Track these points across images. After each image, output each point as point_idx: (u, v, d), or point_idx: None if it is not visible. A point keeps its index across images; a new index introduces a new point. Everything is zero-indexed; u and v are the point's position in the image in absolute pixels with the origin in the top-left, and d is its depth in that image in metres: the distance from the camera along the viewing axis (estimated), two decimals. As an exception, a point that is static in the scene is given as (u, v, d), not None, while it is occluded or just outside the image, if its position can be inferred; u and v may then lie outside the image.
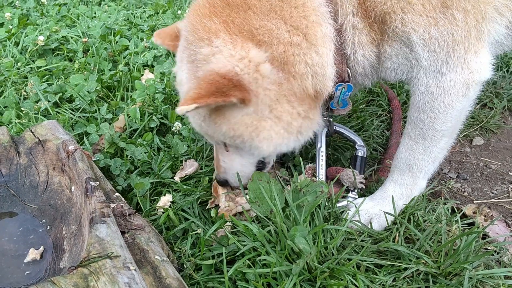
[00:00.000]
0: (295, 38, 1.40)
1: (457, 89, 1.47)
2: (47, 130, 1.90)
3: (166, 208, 1.82)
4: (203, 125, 1.56)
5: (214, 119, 1.50)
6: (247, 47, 1.39)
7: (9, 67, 3.00)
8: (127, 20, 3.78)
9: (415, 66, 1.47)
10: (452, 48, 1.40)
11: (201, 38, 1.43)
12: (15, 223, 1.70)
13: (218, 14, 1.42)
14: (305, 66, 1.43)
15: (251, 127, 1.49)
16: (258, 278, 1.45)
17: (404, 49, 1.44)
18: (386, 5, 1.36)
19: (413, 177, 1.74)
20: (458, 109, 1.53)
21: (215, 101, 1.31)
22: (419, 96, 1.53)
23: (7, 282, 1.48)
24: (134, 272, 1.23)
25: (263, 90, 1.43)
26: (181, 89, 1.57)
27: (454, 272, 1.52)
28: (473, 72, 1.45)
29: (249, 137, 1.51)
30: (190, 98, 1.29)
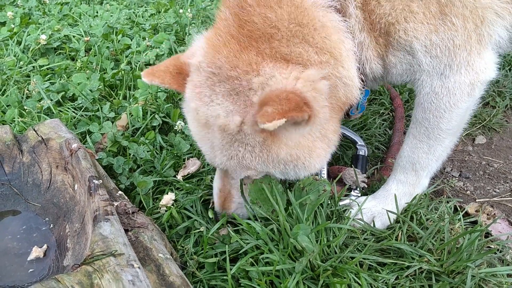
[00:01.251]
0: (323, 57, 1.42)
1: (462, 90, 1.49)
2: (50, 129, 1.91)
3: (169, 206, 1.82)
4: (248, 156, 1.48)
5: (268, 146, 1.44)
6: (297, 68, 1.39)
7: (12, 66, 3.01)
8: (129, 19, 3.78)
9: (417, 70, 1.50)
10: (453, 52, 1.43)
11: (245, 72, 1.39)
12: (18, 222, 1.71)
13: (249, 48, 1.41)
14: (336, 79, 1.46)
15: (307, 148, 1.48)
16: (261, 276, 1.45)
17: (407, 56, 1.47)
18: (391, 16, 1.38)
19: (417, 176, 1.74)
20: (464, 109, 1.55)
21: (297, 115, 1.29)
22: (424, 96, 1.55)
23: (10, 280, 1.48)
24: (138, 270, 1.23)
25: (321, 108, 1.42)
26: (217, 121, 1.44)
27: (457, 270, 1.52)
28: (478, 72, 1.47)
29: (304, 159, 1.49)
30: (277, 113, 1.25)
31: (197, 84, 1.50)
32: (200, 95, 1.48)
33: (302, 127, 1.41)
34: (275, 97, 1.30)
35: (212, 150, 1.54)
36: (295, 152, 1.46)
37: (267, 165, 1.49)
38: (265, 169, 1.52)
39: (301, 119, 1.33)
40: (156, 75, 1.59)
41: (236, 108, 1.41)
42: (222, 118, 1.42)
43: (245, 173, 1.57)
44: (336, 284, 1.42)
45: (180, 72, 1.58)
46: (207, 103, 1.46)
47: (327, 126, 1.50)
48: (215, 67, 1.44)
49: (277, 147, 1.44)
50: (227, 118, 1.41)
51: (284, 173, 1.55)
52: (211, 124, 1.47)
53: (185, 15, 3.73)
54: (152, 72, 1.59)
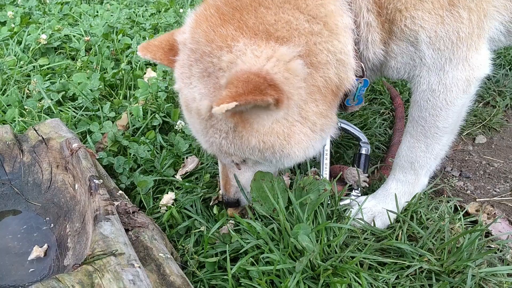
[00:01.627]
0: (315, 27, 1.33)
1: (458, 86, 1.48)
2: (50, 128, 1.91)
3: (169, 206, 1.82)
4: (224, 142, 1.43)
5: (240, 133, 1.38)
6: (272, 46, 1.30)
7: (12, 65, 3.01)
8: (129, 18, 3.78)
9: (418, 64, 1.47)
10: (456, 46, 1.40)
11: (219, 47, 1.32)
12: (19, 221, 1.71)
13: (230, 21, 1.34)
14: (328, 54, 1.36)
15: (282, 135, 1.39)
16: (262, 276, 1.45)
17: (410, 48, 1.44)
18: (400, 2, 1.34)
19: (415, 175, 1.74)
20: (459, 106, 1.54)
21: (254, 99, 1.19)
22: (421, 94, 1.53)
23: (11, 279, 1.49)
24: (139, 269, 1.23)
25: (296, 89, 1.33)
26: (194, 105, 1.41)
27: (457, 270, 1.52)
28: (473, 68, 1.46)
29: (280, 146, 1.41)
30: (228, 96, 1.18)
31: (181, 63, 1.46)
32: (182, 76, 1.45)
33: (274, 112, 1.32)
34: (235, 78, 1.22)
35: (197, 135, 1.53)
36: (268, 139, 1.38)
37: (243, 152, 1.44)
38: (244, 156, 1.48)
39: (263, 103, 1.23)
40: (149, 49, 1.57)
41: (206, 91, 1.36)
42: (197, 101, 1.39)
43: (229, 158, 1.54)
44: (337, 284, 1.42)
45: (172, 48, 1.54)
46: (187, 84, 1.43)
47: (307, 107, 1.39)
48: (194, 42, 1.39)
49: (248, 134, 1.37)
50: (200, 102, 1.37)
51: (266, 160, 1.49)
52: (191, 107, 1.44)
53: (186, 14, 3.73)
54: (147, 47, 1.58)
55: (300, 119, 1.39)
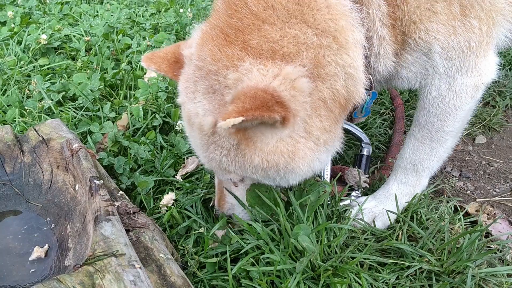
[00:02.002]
0: (324, 41, 1.31)
1: (467, 92, 1.50)
2: (51, 129, 1.91)
3: (170, 206, 1.83)
4: (225, 160, 1.40)
5: (242, 151, 1.35)
6: (278, 64, 1.28)
7: (12, 65, 3.01)
8: (130, 18, 3.78)
9: (430, 73, 1.48)
10: (466, 55, 1.42)
11: (225, 66, 1.31)
12: (20, 222, 1.71)
13: (234, 42, 1.32)
14: (336, 66, 1.33)
15: (287, 153, 1.36)
16: (262, 276, 1.45)
17: (423, 57, 1.44)
18: (416, 14, 1.34)
19: (417, 176, 1.75)
20: (466, 110, 1.56)
21: (261, 115, 1.17)
22: (430, 100, 1.54)
23: (12, 280, 1.49)
24: (139, 270, 1.23)
25: (301, 105, 1.30)
26: (196, 120, 1.39)
27: (457, 270, 1.52)
28: (481, 74, 1.48)
29: (285, 164, 1.37)
30: (235, 111, 1.16)
31: (186, 78, 1.45)
32: (186, 90, 1.44)
33: (279, 130, 1.30)
34: (242, 94, 1.21)
35: (197, 150, 1.51)
36: (272, 158, 1.35)
37: (245, 170, 1.41)
38: (244, 174, 1.45)
39: (270, 119, 1.21)
40: (154, 60, 1.55)
41: (211, 108, 1.35)
42: (200, 116, 1.37)
43: (227, 176, 1.51)
44: (337, 284, 1.42)
45: (177, 61, 1.52)
46: (191, 99, 1.41)
47: (312, 122, 1.36)
48: (200, 60, 1.38)
49: (251, 153, 1.35)
50: (203, 117, 1.36)
51: (269, 179, 1.46)
52: (192, 122, 1.42)
53: (186, 14, 3.73)
54: (151, 57, 1.56)
55: (304, 134, 1.36)
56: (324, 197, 1.65)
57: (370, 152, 2.03)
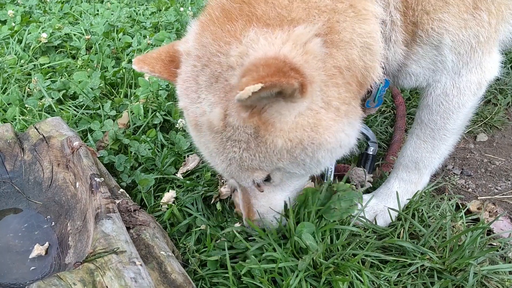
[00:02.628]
0: (340, 5, 1.21)
1: (470, 89, 1.48)
2: (51, 127, 1.91)
3: (170, 204, 1.82)
4: (246, 155, 1.26)
5: (262, 137, 1.21)
6: (286, 30, 1.16)
7: (13, 64, 3.00)
8: (130, 17, 3.77)
9: (438, 69, 1.44)
10: (474, 50, 1.39)
11: (227, 43, 1.19)
12: (20, 219, 1.71)
13: (238, 17, 1.21)
14: (352, 33, 1.23)
15: (309, 126, 1.22)
16: (264, 274, 1.45)
17: (433, 52, 1.39)
18: (430, 3, 1.28)
19: (419, 174, 1.74)
20: (469, 108, 1.55)
21: (280, 81, 1.03)
22: (434, 98, 1.53)
23: (12, 277, 1.49)
24: (140, 267, 1.23)
25: (316, 71, 1.18)
26: (204, 119, 1.26)
27: (459, 267, 1.52)
28: (485, 72, 1.46)
29: (309, 138, 1.24)
30: (252, 79, 1.02)
31: (184, 77, 1.31)
32: (187, 91, 1.29)
33: (297, 104, 1.17)
34: (253, 65, 1.07)
35: (210, 157, 1.36)
36: (295, 135, 1.22)
37: (270, 160, 1.27)
38: (272, 166, 1.30)
39: (289, 87, 1.07)
40: (147, 62, 1.41)
41: (216, 99, 1.21)
42: (207, 114, 1.23)
43: (251, 177, 1.36)
44: (338, 282, 1.41)
45: (173, 60, 1.39)
46: (194, 100, 1.27)
47: (329, 92, 1.24)
48: (200, 47, 1.25)
49: (272, 136, 1.21)
50: (211, 113, 1.23)
51: (297, 164, 1.31)
52: (200, 124, 1.28)
53: (186, 13, 3.72)
54: (143, 59, 1.42)
55: (323, 105, 1.23)
56: (355, 208, 1.61)
57: (376, 151, 2.00)
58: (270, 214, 1.54)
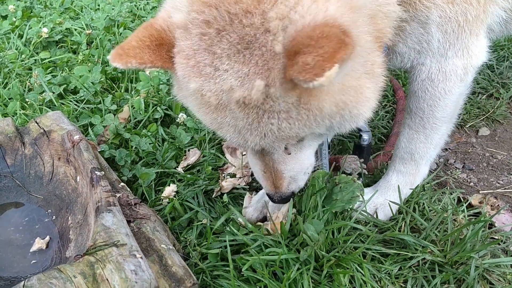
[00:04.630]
0: None
1: (457, 74, 1.46)
2: (52, 121, 1.90)
3: (171, 198, 1.82)
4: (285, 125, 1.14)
5: (306, 104, 1.10)
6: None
7: (13, 59, 3.00)
8: (131, 12, 3.76)
9: (424, 50, 1.42)
10: (462, 29, 1.36)
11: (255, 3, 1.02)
12: (21, 213, 1.71)
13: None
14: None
15: (354, 88, 1.13)
16: (264, 268, 1.45)
17: (420, 30, 1.35)
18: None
19: (416, 165, 1.73)
20: (457, 95, 1.53)
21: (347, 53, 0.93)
22: (419, 84, 1.50)
23: (13, 271, 1.49)
24: (141, 260, 1.23)
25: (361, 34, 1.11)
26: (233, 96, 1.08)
27: (461, 261, 1.51)
28: (471, 56, 1.43)
29: (353, 103, 1.14)
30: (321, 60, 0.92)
31: (189, 54, 1.11)
32: (197, 68, 1.10)
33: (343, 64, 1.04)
34: (308, 38, 0.95)
35: (239, 135, 1.19)
36: (341, 98, 1.12)
37: (309, 127, 1.15)
38: (308, 132, 1.19)
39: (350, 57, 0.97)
40: (131, 54, 1.12)
41: (253, 69, 1.04)
42: (237, 90, 1.06)
43: (283, 145, 1.26)
44: (340, 275, 1.41)
45: (161, 43, 1.16)
46: (210, 75, 1.09)
47: (371, 57, 1.17)
48: (207, 10, 1.05)
49: (318, 101, 1.09)
50: (244, 87, 1.06)
51: (329, 128, 1.22)
52: (225, 103, 1.11)
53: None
54: (124, 52, 1.12)
55: (365, 71, 1.16)
56: (356, 199, 1.61)
57: (369, 140, 1.94)
58: (300, 174, 1.43)
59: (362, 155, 1.96)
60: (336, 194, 1.61)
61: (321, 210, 1.55)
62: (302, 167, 1.41)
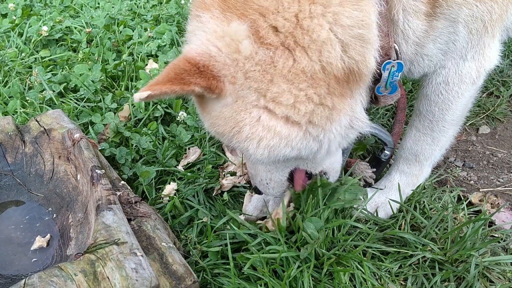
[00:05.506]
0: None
1: (470, 78, 1.44)
2: (52, 119, 1.90)
3: (172, 196, 1.82)
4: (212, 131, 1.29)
5: (201, 113, 1.28)
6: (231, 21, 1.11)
7: (13, 57, 3.00)
8: (131, 10, 3.75)
9: (449, 51, 1.36)
10: (485, 30, 1.31)
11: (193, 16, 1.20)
12: (22, 212, 1.71)
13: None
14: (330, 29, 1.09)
15: (231, 121, 1.18)
16: (265, 266, 1.45)
17: (449, 28, 1.28)
18: None
19: (420, 166, 1.73)
20: (467, 98, 1.52)
21: (172, 89, 1.03)
22: (434, 87, 1.48)
23: (14, 269, 1.49)
24: (141, 258, 1.23)
25: (244, 74, 1.12)
26: None
27: (461, 259, 1.52)
28: (485, 59, 1.41)
29: (230, 134, 1.20)
30: (148, 85, 1.06)
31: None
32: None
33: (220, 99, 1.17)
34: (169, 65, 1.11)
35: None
36: (218, 122, 1.22)
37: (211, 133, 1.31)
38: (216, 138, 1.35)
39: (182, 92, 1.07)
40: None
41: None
42: None
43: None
44: (340, 273, 1.41)
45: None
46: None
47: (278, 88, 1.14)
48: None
49: (204, 115, 1.26)
50: None
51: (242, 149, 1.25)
52: None
53: (187, 6, 3.71)
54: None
55: (261, 105, 1.16)
56: (358, 202, 1.61)
57: (388, 157, 1.87)
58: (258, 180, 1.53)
59: (378, 168, 1.91)
60: (339, 193, 1.61)
61: (321, 208, 1.55)
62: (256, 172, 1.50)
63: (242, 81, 1.13)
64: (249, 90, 1.14)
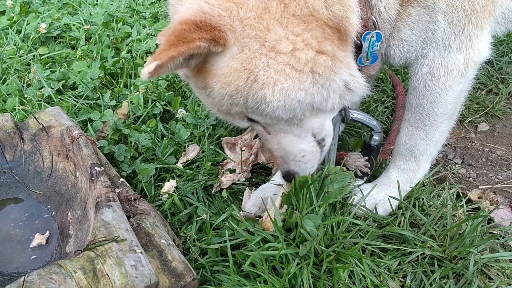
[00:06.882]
0: None
1: (458, 70, 1.43)
2: (51, 117, 1.90)
3: (171, 193, 1.82)
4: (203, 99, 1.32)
5: (203, 83, 1.23)
6: None
7: (12, 54, 2.99)
8: (129, 7, 3.75)
9: (428, 40, 1.36)
10: (468, 20, 1.31)
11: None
12: (21, 209, 1.71)
13: None
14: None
15: (244, 72, 1.18)
16: (264, 262, 1.45)
17: (426, 17, 1.30)
18: None
19: (416, 161, 1.73)
20: (457, 91, 1.51)
21: (178, 51, 1.03)
22: (420, 78, 1.48)
23: (13, 266, 1.49)
24: (141, 255, 1.23)
25: (240, 22, 1.14)
26: None
27: (460, 256, 1.52)
28: (474, 51, 1.41)
29: (246, 87, 1.19)
30: (153, 57, 1.05)
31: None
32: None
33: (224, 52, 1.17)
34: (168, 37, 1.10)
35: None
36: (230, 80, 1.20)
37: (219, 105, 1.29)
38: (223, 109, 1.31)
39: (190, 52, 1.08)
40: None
41: None
42: None
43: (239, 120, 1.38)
44: (339, 270, 1.42)
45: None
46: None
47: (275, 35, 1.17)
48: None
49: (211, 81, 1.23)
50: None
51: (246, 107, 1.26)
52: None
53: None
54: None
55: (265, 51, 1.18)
56: (348, 188, 1.61)
57: (379, 141, 1.88)
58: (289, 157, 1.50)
59: (371, 155, 1.93)
60: (327, 186, 1.61)
61: (316, 204, 1.55)
62: (286, 150, 1.46)
63: (240, 28, 1.15)
64: (249, 39, 1.16)
